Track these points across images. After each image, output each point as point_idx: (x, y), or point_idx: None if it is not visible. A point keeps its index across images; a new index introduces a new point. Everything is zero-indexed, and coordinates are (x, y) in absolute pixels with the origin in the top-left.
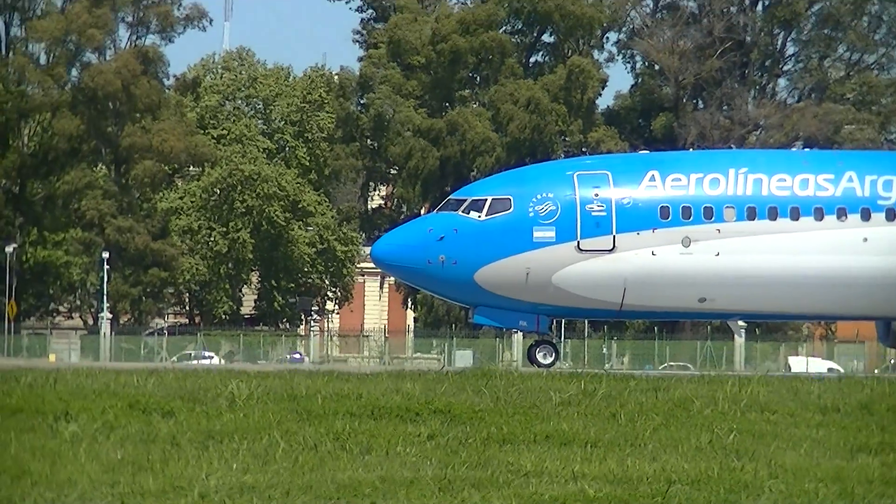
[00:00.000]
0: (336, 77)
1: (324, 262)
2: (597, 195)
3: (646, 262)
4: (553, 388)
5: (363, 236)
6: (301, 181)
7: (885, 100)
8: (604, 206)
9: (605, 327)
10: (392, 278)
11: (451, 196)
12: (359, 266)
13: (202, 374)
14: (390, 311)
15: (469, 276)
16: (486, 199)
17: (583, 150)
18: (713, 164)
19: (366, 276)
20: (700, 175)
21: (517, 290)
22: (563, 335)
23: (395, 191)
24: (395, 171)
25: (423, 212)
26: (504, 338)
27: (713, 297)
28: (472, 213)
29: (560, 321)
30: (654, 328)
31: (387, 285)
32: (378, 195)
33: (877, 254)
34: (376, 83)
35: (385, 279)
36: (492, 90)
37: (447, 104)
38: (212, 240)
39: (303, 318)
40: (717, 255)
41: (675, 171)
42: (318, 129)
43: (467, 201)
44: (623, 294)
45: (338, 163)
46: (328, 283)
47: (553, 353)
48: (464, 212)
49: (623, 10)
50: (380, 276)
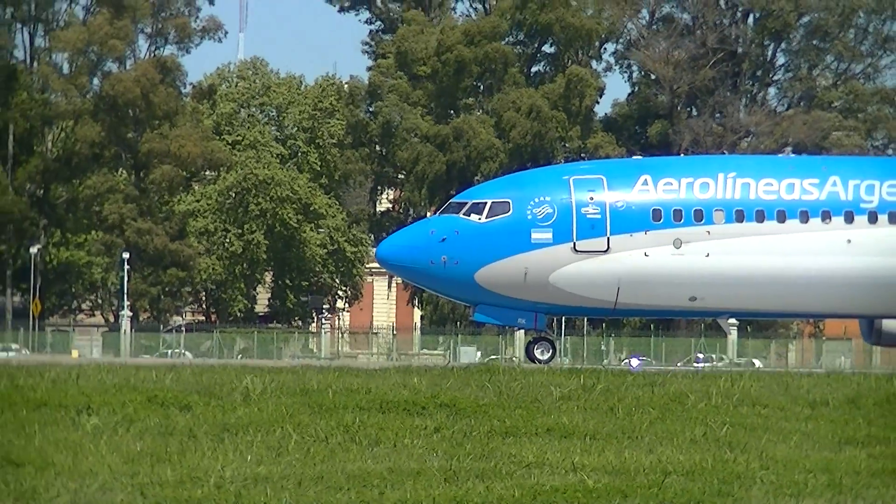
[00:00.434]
0: (346, 86)
1: (334, 263)
2: (592, 199)
3: (639, 262)
4: (554, 383)
5: (372, 238)
6: (313, 185)
7: (870, 107)
8: (598, 209)
9: (603, 325)
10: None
11: (452, 199)
12: (368, 266)
13: (218, 370)
14: (398, 310)
15: (470, 275)
16: (486, 203)
17: (582, 155)
18: (703, 168)
19: (374, 275)
20: (690, 179)
21: (516, 290)
22: (562, 333)
23: (403, 194)
24: (403, 176)
25: (429, 214)
26: (507, 335)
27: (703, 296)
28: (472, 215)
29: (559, 319)
30: (650, 325)
31: (395, 285)
32: (386, 198)
33: (860, 255)
34: (384, 91)
35: (393, 279)
36: (495, 98)
37: (452, 112)
38: (227, 241)
39: (314, 315)
40: (707, 256)
41: (666, 175)
42: (329, 136)
43: (468, 204)
44: (617, 293)
45: (348, 167)
46: (338, 282)
47: (550, 350)
48: (465, 214)
49: (620, 22)
50: (388, 276)
